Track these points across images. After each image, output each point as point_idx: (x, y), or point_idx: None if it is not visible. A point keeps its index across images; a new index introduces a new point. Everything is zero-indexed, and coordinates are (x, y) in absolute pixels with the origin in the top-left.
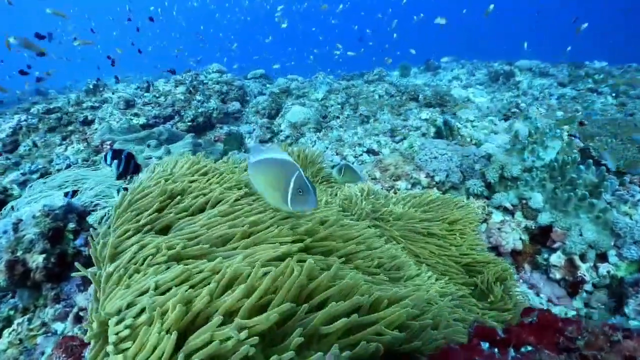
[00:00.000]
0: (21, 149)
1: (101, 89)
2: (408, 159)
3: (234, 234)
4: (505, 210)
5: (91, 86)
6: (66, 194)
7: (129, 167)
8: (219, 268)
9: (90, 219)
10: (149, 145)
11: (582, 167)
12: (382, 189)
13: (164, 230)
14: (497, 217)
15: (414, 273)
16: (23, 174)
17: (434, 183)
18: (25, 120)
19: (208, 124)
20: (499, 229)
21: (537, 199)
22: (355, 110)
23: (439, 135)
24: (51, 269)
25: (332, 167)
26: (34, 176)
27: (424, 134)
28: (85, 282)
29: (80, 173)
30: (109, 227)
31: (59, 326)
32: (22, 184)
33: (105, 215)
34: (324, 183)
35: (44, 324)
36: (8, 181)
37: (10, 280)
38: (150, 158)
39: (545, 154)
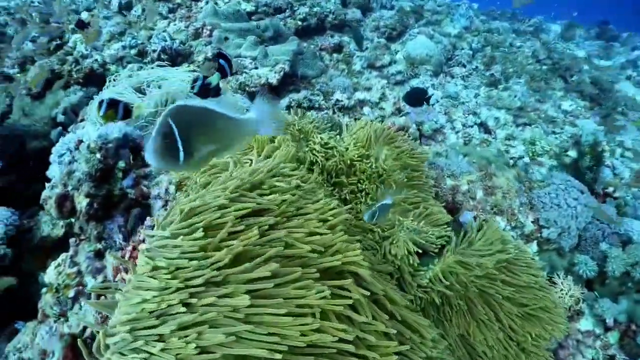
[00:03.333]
0: (131, 14)
1: None
2: (524, 187)
3: None
4: (601, 320)
5: None
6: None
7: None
8: None
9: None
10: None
11: None
12: (475, 217)
13: None
14: (585, 324)
15: None
16: (124, 48)
17: (538, 236)
18: None
19: (320, 27)
20: (577, 341)
21: None
22: (487, 66)
23: (579, 152)
24: (94, 214)
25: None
26: (132, 52)
27: (554, 132)
28: (127, 222)
29: (162, 75)
30: None
31: (90, 281)
32: (119, 60)
33: None
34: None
35: (79, 273)
36: (108, 54)
37: (60, 215)
38: (245, 58)
39: None
